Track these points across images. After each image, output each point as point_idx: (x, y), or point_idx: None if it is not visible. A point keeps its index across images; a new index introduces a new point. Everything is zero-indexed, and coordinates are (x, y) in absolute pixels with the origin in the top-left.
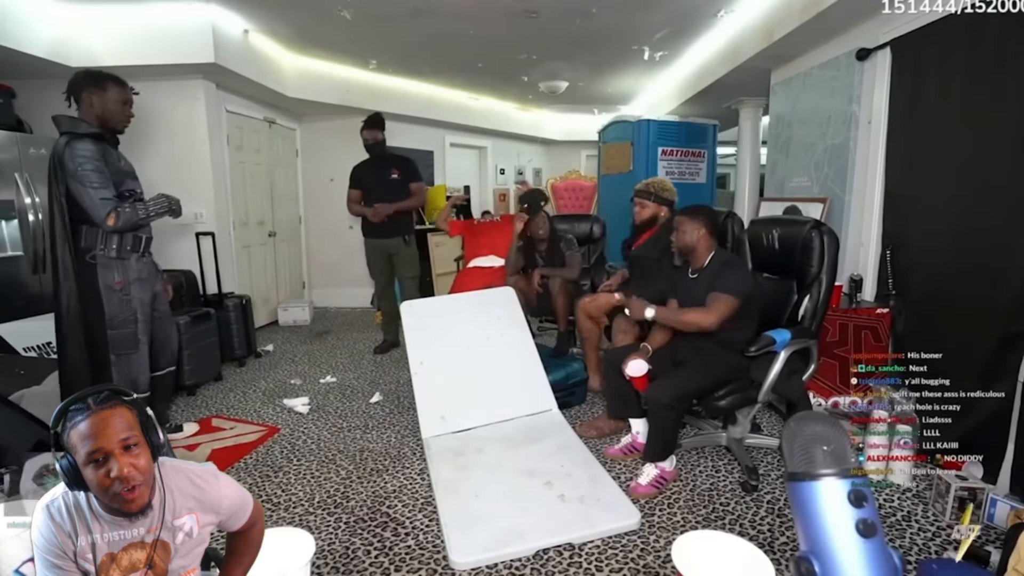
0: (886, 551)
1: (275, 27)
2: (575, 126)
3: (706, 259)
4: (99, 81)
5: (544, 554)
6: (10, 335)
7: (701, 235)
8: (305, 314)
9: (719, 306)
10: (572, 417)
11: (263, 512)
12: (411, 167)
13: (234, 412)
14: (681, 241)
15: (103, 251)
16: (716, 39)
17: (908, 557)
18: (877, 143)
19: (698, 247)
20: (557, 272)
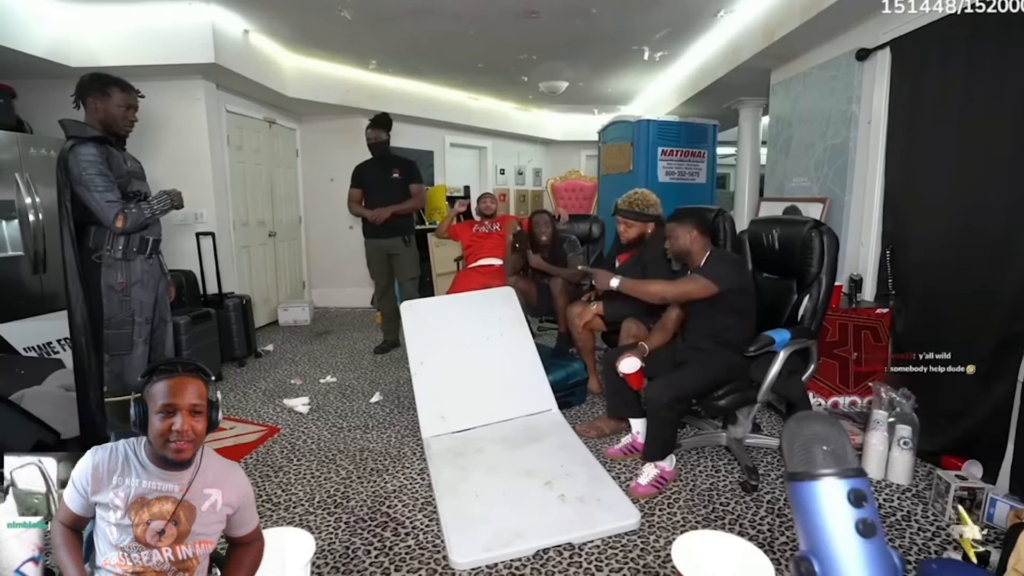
0: (886, 551)
1: (275, 27)
2: (575, 126)
3: (702, 259)
4: (103, 86)
5: (544, 554)
6: (10, 335)
7: (693, 237)
8: (305, 314)
9: (688, 283)
10: (572, 417)
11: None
12: (412, 168)
13: (234, 412)
14: (676, 247)
15: (109, 251)
16: (716, 39)
17: (908, 557)
18: (877, 143)
19: (693, 249)
20: (558, 272)
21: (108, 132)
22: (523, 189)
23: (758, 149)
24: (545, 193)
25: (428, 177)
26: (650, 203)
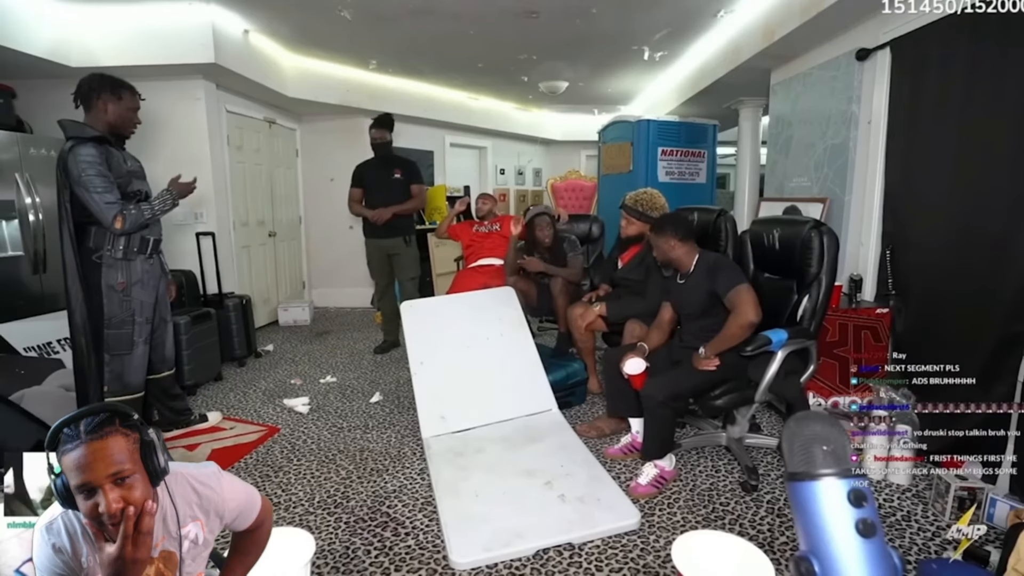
0: (886, 551)
1: (275, 27)
2: (575, 126)
3: (691, 264)
4: (116, 89)
5: (544, 554)
6: (10, 335)
7: (673, 246)
8: (305, 314)
9: (742, 299)
10: (572, 417)
11: (271, 509)
12: (413, 169)
13: (234, 412)
14: (661, 256)
15: (110, 251)
16: (716, 39)
17: (908, 557)
18: (877, 143)
19: (676, 256)
20: (558, 272)
21: (114, 133)
22: (523, 189)
23: (758, 149)
24: (545, 193)
25: (428, 177)
26: (655, 206)
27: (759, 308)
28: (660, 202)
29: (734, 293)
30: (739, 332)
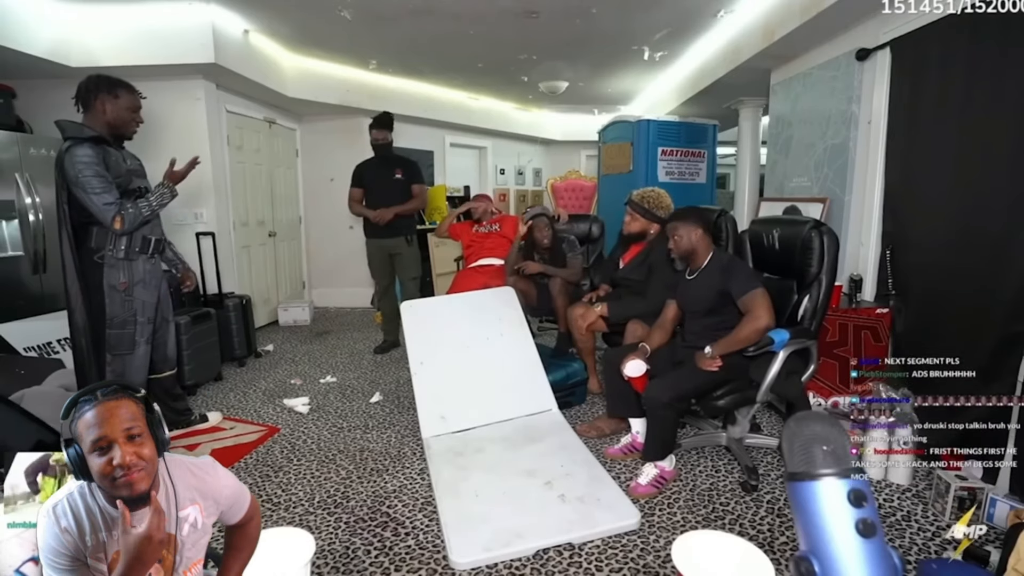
0: (886, 551)
1: (275, 27)
2: (575, 126)
3: (705, 259)
4: (112, 88)
5: (544, 554)
6: (10, 335)
7: (699, 235)
8: (305, 314)
9: (758, 303)
10: (572, 417)
11: (259, 507)
12: (414, 169)
13: (234, 412)
14: (680, 246)
15: (111, 251)
16: (716, 39)
17: (908, 557)
18: (877, 143)
19: (698, 247)
20: (558, 272)
21: (114, 133)
22: (523, 189)
23: (758, 149)
24: (545, 193)
25: (428, 177)
26: (661, 205)
27: (774, 313)
28: (667, 202)
29: (750, 297)
30: (752, 336)
